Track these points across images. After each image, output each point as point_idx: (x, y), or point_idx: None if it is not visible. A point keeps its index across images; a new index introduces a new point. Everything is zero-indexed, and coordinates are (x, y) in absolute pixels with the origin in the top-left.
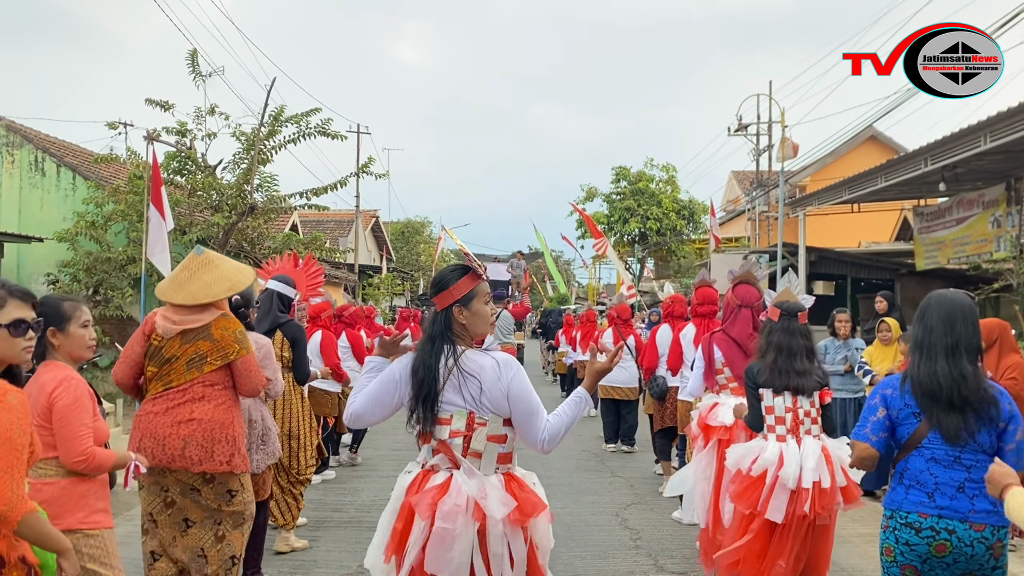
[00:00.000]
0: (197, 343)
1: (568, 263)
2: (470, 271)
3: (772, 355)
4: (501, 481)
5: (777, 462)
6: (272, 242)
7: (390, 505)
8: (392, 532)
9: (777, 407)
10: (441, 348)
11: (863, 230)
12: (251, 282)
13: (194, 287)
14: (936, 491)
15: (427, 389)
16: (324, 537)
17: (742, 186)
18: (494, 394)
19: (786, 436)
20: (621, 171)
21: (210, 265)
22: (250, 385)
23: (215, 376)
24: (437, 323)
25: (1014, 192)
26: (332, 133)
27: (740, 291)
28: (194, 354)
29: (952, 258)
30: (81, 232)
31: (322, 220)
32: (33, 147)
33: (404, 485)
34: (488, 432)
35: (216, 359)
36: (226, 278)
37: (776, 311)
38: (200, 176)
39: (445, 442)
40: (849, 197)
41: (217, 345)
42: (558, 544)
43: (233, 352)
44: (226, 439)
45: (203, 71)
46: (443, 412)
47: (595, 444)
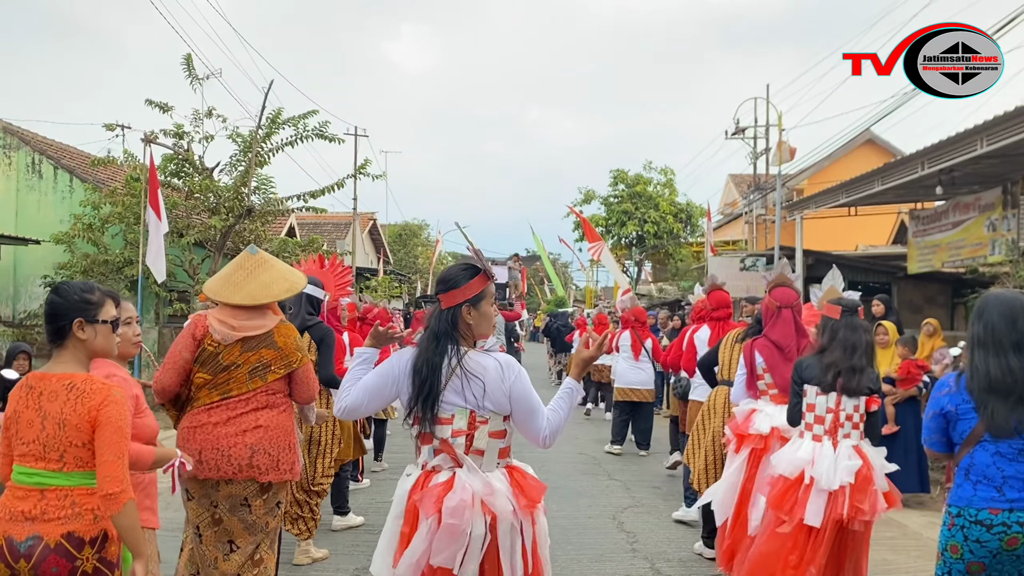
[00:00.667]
0: (260, 351)
1: (566, 266)
2: (481, 272)
3: (835, 352)
4: (505, 475)
5: (811, 462)
6: (269, 245)
7: (393, 510)
8: (400, 537)
9: (819, 405)
10: (446, 347)
11: (860, 233)
12: (304, 285)
13: (252, 287)
14: (1004, 485)
15: (429, 388)
16: (321, 541)
17: (739, 189)
18: (496, 395)
19: (822, 436)
20: (619, 174)
21: (266, 264)
22: (308, 393)
23: (277, 384)
24: (443, 321)
25: (1010, 196)
26: (329, 136)
27: (778, 293)
28: (257, 362)
29: (947, 261)
30: (78, 234)
31: (319, 222)
32: (30, 149)
33: (406, 488)
34: (490, 429)
35: (280, 368)
36: (284, 278)
37: (837, 308)
38: (197, 178)
39: (447, 441)
40: (846, 200)
41: (281, 353)
42: (555, 548)
43: (296, 360)
44: (289, 446)
45: (199, 74)
46: (444, 412)
47: (592, 447)
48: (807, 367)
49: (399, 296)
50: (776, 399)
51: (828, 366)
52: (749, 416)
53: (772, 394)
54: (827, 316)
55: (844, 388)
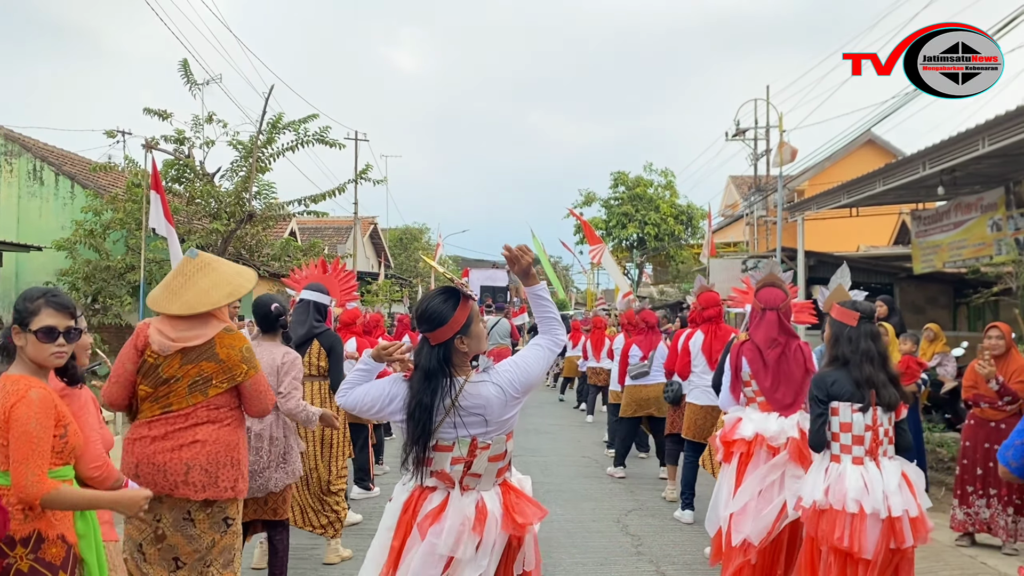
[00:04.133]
0: (200, 364)
1: (567, 269)
2: (460, 296)
3: (865, 366)
4: (498, 495)
5: (864, 491)
6: (271, 249)
7: (385, 520)
8: (390, 551)
9: (856, 424)
10: (438, 384)
11: (862, 234)
12: (253, 285)
13: (190, 295)
14: None
15: (423, 429)
16: (323, 545)
17: (740, 191)
18: (501, 419)
19: (863, 458)
20: (619, 176)
21: (207, 269)
22: (260, 406)
23: (221, 399)
24: (433, 358)
25: (1013, 196)
26: (330, 141)
27: (764, 294)
28: (197, 376)
29: (948, 262)
30: (80, 240)
31: (320, 227)
32: (31, 156)
33: (401, 501)
34: (490, 454)
35: (222, 381)
36: (226, 282)
37: (853, 314)
38: (198, 184)
39: (444, 471)
40: (847, 201)
41: (223, 366)
42: (559, 551)
43: (241, 373)
44: (231, 463)
45: (197, 79)
46: (445, 440)
47: (595, 450)
48: (835, 382)
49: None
50: (764, 407)
51: (861, 382)
52: (735, 424)
53: (759, 402)
54: (840, 322)
55: (882, 403)
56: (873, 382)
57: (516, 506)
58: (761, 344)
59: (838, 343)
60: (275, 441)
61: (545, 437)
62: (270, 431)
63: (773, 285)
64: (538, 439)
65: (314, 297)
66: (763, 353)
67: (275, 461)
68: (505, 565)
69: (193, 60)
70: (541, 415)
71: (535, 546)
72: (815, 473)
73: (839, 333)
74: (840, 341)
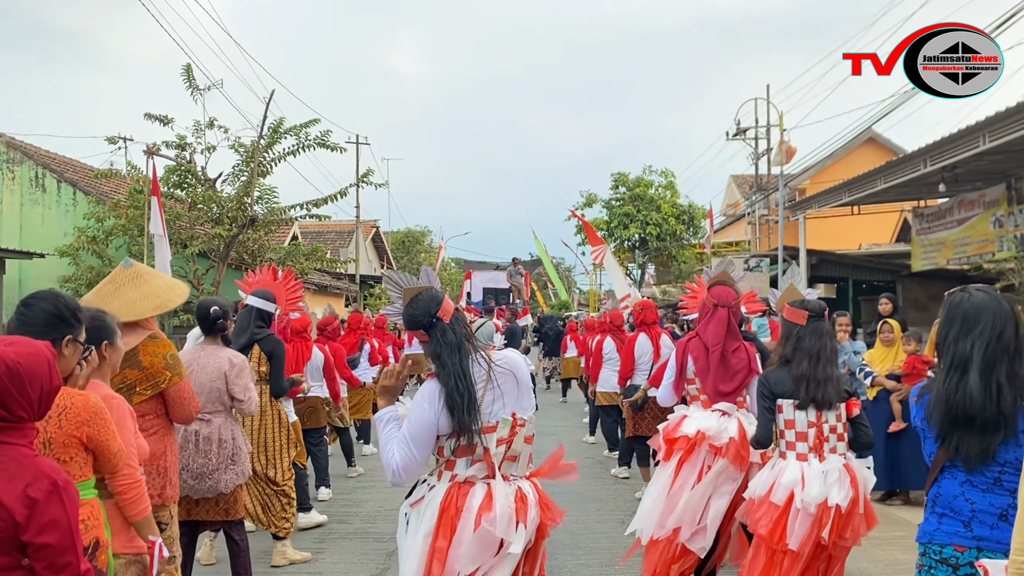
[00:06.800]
0: (124, 371)
1: (569, 270)
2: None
3: (803, 363)
4: (532, 486)
5: (800, 483)
6: (274, 254)
7: (421, 528)
8: (433, 552)
9: (799, 422)
10: (468, 351)
11: (863, 232)
12: (183, 300)
13: (117, 303)
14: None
15: (470, 396)
16: (329, 548)
17: (741, 190)
18: (528, 387)
19: (807, 455)
20: (620, 177)
21: (138, 280)
22: (183, 413)
23: (145, 406)
24: (451, 333)
25: (1015, 192)
26: (331, 145)
27: (717, 291)
28: (121, 383)
29: (952, 259)
30: (82, 247)
31: (322, 231)
32: (33, 163)
33: (437, 503)
34: (526, 433)
35: (146, 388)
36: (155, 295)
37: (802, 313)
38: (200, 189)
39: (489, 451)
40: (849, 199)
41: (147, 373)
42: (564, 553)
43: (164, 380)
44: (157, 471)
45: (200, 85)
46: (489, 420)
47: (598, 451)
48: (777, 381)
49: None
50: (706, 404)
51: (798, 379)
52: (679, 422)
53: (703, 399)
54: (790, 321)
55: (815, 401)
56: (807, 379)
57: (547, 499)
58: (709, 341)
59: (786, 342)
60: (223, 443)
61: (549, 439)
62: (219, 433)
63: (725, 283)
64: (540, 440)
65: (259, 304)
66: (709, 351)
67: (224, 463)
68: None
69: (194, 65)
70: (544, 417)
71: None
72: (766, 470)
73: (788, 332)
74: (788, 340)
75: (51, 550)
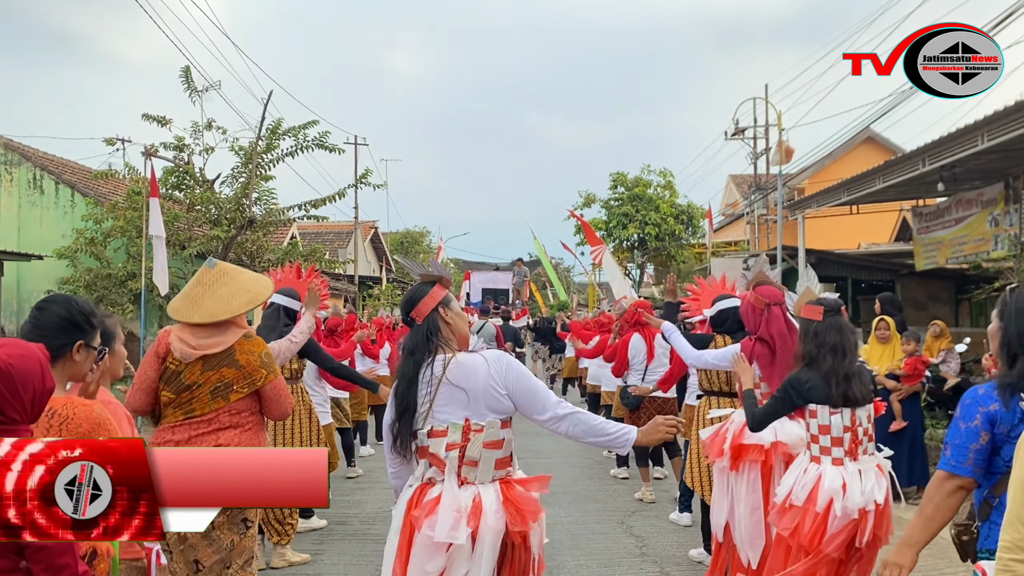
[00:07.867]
0: (221, 370)
1: (568, 270)
2: (438, 280)
3: (828, 360)
4: (496, 490)
5: (841, 491)
6: (272, 255)
7: (393, 523)
8: (398, 550)
9: (835, 427)
10: (423, 358)
11: (862, 231)
12: (271, 293)
13: (210, 303)
14: None
15: (406, 403)
16: (328, 550)
17: (740, 190)
18: (489, 392)
19: (843, 459)
20: (618, 177)
21: (226, 277)
22: (279, 409)
23: (242, 404)
24: (418, 333)
25: (1012, 191)
26: (330, 146)
27: (764, 291)
28: (219, 382)
29: (950, 258)
30: (81, 249)
31: (321, 232)
32: (31, 165)
33: (405, 499)
34: (484, 439)
35: (243, 387)
36: (244, 290)
37: (818, 309)
38: (198, 191)
39: (438, 456)
40: (847, 199)
41: (243, 372)
42: (564, 553)
43: (261, 378)
44: None
45: (198, 86)
46: (438, 425)
47: (597, 451)
48: (811, 386)
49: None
50: None
51: (827, 376)
52: (742, 430)
53: None
54: (807, 319)
55: (847, 399)
56: (836, 375)
57: (518, 499)
58: (776, 340)
59: (804, 340)
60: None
61: (549, 439)
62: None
63: (767, 283)
64: (540, 441)
65: (285, 302)
66: (776, 350)
67: None
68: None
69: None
70: None
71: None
72: (791, 474)
73: (806, 330)
74: (806, 337)
75: (49, 551)
